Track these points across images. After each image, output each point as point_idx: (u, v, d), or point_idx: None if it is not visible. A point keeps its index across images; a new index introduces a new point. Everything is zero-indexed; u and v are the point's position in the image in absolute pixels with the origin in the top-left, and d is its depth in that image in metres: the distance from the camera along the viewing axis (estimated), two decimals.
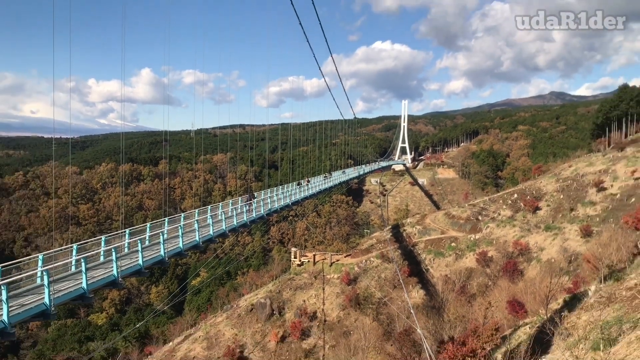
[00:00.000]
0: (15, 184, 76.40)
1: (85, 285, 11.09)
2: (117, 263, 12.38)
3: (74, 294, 10.79)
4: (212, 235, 17.83)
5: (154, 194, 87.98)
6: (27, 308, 9.65)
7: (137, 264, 13.52)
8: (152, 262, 14.46)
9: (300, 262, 47.11)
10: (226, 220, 19.17)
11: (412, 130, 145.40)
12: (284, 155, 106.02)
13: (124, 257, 14.11)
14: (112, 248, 12.40)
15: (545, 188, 47.51)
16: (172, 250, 15.46)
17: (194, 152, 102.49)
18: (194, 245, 16.90)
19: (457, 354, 13.18)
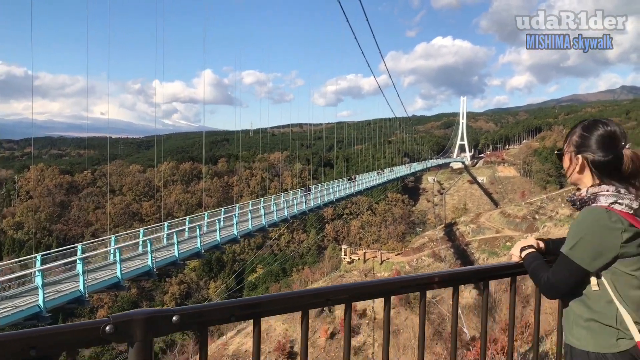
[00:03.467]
0: (83, 181, 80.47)
1: (177, 254, 12.38)
2: (178, 246, 13.43)
3: (141, 270, 12.09)
4: (265, 224, 18.60)
5: (213, 192, 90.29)
6: (103, 280, 10.83)
7: (196, 247, 14.50)
8: (209, 246, 15.44)
9: (351, 259, 47.14)
10: (281, 211, 19.78)
11: (472, 127, 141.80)
12: (339, 154, 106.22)
13: (184, 242, 15.16)
14: (173, 232, 13.38)
15: None
16: (243, 230, 16.45)
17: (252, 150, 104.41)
18: (247, 233, 17.77)
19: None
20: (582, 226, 1.67)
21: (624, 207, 1.65)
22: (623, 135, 1.72)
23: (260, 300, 1.45)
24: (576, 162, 1.76)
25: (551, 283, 1.73)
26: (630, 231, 1.64)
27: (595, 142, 1.72)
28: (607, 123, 1.75)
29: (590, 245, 1.65)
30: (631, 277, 1.67)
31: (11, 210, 71.34)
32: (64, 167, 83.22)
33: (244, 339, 45.09)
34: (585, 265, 1.66)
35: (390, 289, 1.77)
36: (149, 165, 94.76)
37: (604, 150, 1.70)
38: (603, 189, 1.70)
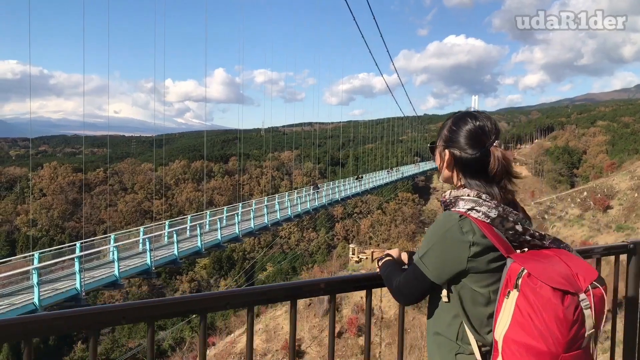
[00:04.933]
0: (96, 179, 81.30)
1: (176, 252, 12.93)
2: (201, 237, 14.02)
3: (168, 259, 12.80)
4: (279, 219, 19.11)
5: (224, 190, 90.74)
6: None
7: (217, 238, 15.09)
8: (229, 239, 16.05)
9: (359, 258, 47.20)
10: (284, 210, 20.21)
11: None
12: (349, 153, 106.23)
13: (206, 233, 15.77)
14: (197, 224, 13.99)
15: (618, 186, 44.88)
16: (245, 229, 17.01)
17: (264, 149, 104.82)
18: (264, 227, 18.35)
19: None
20: (432, 233, 1.56)
21: (480, 215, 1.49)
22: (494, 132, 1.56)
23: (156, 303, 1.50)
24: (444, 158, 1.63)
25: (400, 289, 1.64)
26: (480, 245, 1.49)
27: (463, 137, 1.56)
28: (478, 117, 1.59)
29: (437, 256, 1.53)
30: (478, 294, 1.52)
31: (25, 208, 72.34)
32: (77, 165, 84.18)
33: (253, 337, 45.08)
34: (431, 277, 1.55)
35: (295, 293, 1.84)
36: (160, 164, 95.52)
37: (471, 146, 1.55)
38: (464, 192, 1.55)
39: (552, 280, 1.33)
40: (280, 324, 46.14)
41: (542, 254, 1.46)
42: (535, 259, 1.42)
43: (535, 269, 1.36)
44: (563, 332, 1.29)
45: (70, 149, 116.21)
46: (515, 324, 1.35)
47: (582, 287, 1.34)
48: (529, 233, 1.51)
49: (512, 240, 1.50)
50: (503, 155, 1.51)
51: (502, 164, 1.51)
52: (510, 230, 1.49)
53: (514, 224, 1.50)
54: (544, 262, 1.41)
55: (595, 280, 1.36)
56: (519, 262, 1.40)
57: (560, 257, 1.44)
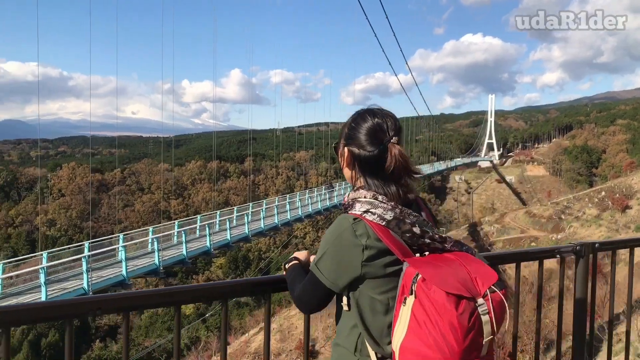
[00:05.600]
0: (113, 180, 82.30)
1: (185, 252, 13.21)
2: (210, 238, 14.21)
3: (177, 259, 13.10)
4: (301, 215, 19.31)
5: (240, 190, 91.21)
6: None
7: (226, 238, 15.31)
8: (238, 239, 16.29)
9: None
10: (295, 210, 20.30)
11: (502, 125, 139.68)
12: None
13: (216, 233, 16.05)
14: (206, 224, 14.23)
15: (638, 185, 44.12)
16: (255, 229, 17.28)
17: (280, 149, 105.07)
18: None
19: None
20: (327, 237, 1.49)
21: (375, 218, 1.42)
22: (393, 129, 1.50)
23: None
24: (344, 156, 1.56)
25: (300, 297, 1.55)
26: (374, 248, 1.42)
27: (362, 134, 1.50)
28: (377, 114, 1.53)
29: (331, 260, 1.46)
30: (377, 301, 1.45)
31: (44, 208, 73.48)
32: (95, 165, 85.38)
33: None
34: (327, 283, 1.48)
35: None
36: (177, 164, 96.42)
37: (370, 144, 1.48)
38: (361, 194, 1.48)
39: (446, 284, 1.26)
40: (294, 324, 46.18)
41: (442, 258, 1.39)
42: (432, 262, 1.36)
43: (429, 273, 1.30)
44: (458, 340, 1.23)
45: (89, 150, 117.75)
46: (411, 332, 1.28)
47: (480, 291, 1.29)
48: (429, 236, 1.43)
49: (410, 243, 1.43)
50: (400, 153, 1.46)
51: (400, 162, 1.45)
52: (407, 233, 1.42)
53: (411, 226, 1.43)
54: (441, 266, 1.34)
55: (495, 284, 1.30)
56: (414, 266, 1.33)
57: (461, 260, 1.37)
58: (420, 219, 1.46)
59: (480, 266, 1.36)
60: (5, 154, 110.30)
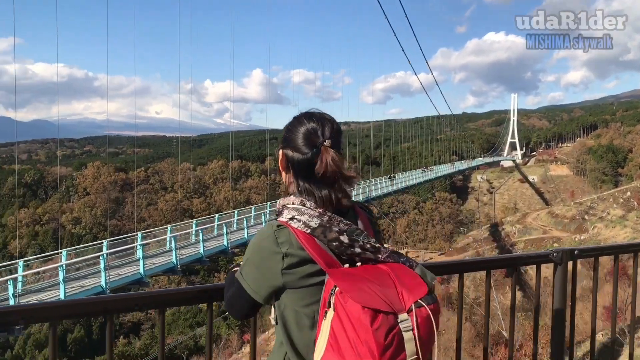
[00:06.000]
0: (137, 179, 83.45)
1: (202, 251, 13.43)
2: (227, 236, 14.46)
3: (194, 257, 13.36)
4: None
5: (261, 189, 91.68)
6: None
7: (243, 237, 15.52)
8: (236, 244, 16.42)
9: None
10: None
11: (525, 124, 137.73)
12: (386, 152, 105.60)
13: (234, 232, 16.29)
14: (223, 223, 14.41)
15: None
16: None
17: None
18: None
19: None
20: (250, 244, 1.44)
21: (300, 225, 1.35)
22: (328, 132, 1.43)
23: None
24: (279, 159, 1.51)
25: (229, 302, 1.51)
26: (296, 256, 1.35)
27: (298, 137, 1.44)
28: (313, 116, 1.47)
29: (253, 268, 1.41)
30: (302, 315, 1.36)
31: (70, 206, 74.89)
32: (119, 164, 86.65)
33: None
34: (250, 292, 1.42)
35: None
36: (199, 163, 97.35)
37: (304, 147, 1.42)
38: (290, 200, 1.43)
39: (362, 297, 1.18)
40: None
41: (370, 269, 1.30)
42: (354, 274, 1.27)
43: (347, 285, 1.22)
44: (374, 358, 1.14)
45: (114, 149, 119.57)
46: (329, 348, 1.21)
47: (404, 306, 1.20)
48: (359, 245, 1.35)
49: (338, 253, 1.35)
50: (333, 157, 1.39)
51: (331, 166, 1.38)
52: (334, 242, 1.34)
53: (338, 234, 1.34)
54: (363, 278, 1.25)
55: (423, 298, 1.21)
56: (332, 277, 1.25)
57: (392, 272, 1.29)
58: (353, 228, 1.38)
59: (412, 279, 1.28)
60: (33, 153, 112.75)
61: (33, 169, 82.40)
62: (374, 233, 1.47)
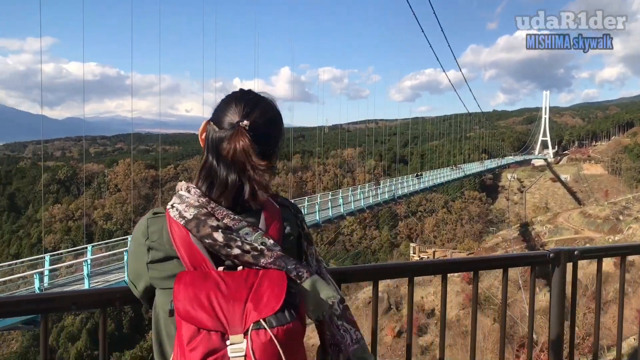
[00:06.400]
0: (167, 176, 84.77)
1: None
2: None
3: None
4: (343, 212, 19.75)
5: (287, 187, 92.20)
6: None
7: None
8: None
9: (420, 258, 46.58)
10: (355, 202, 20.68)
11: (557, 122, 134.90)
12: (414, 150, 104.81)
13: None
14: None
15: None
16: None
17: (327, 147, 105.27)
18: None
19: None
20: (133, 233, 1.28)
21: (175, 214, 1.17)
22: (255, 115, 1.23)
23: None
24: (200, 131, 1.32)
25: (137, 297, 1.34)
26: (162, 251, 1.19)
27: (221, 111, 1.26)
28: (249, 95, 1.29)
29: (131, 258, 1.28)
30: (170, 321, 1.17)
31: (101, 202, 76.49)
32: (149, 162, 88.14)
33: (312, 332, 45.55)
34: (130, 284, 1.30)
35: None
36: None
37: (223, 122, 1.24)
38: (181, 185, 1.27)
39: (188, 310, 1.02)
40: None
41: (234, 276, 1.10)
42: (207, 280, 1.08)
43: (182, 293, 1.05)
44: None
45: (144, 147, 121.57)
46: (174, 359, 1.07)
47: (238, 326, 1.00)
48: (237, 245, 1.14)
49: (216, 251, 1.15)
50: (244, 142, 1.18)
51: (239, 150, 1.18)
52: (207, 239, 1.14)
53: (212, 230, 1.14)
54: (213, 286, 1.06)
55: (273, 317, 1.00)
56: (177, 281, 1.08)
57: (258, 281, 1.08)
58: (241, 225, 1.19)
59: (273, 291, 1.05)
60: (66, 151, 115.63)
61: (66, 166, 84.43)
62: (280, 235, 1.24)
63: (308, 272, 1.17)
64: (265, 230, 1.21)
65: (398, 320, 43.91)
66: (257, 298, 1.03)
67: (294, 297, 1.08)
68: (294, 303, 1.06)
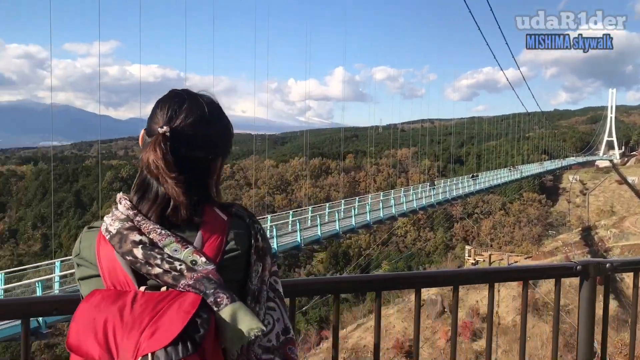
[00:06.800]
0: (224, 175, 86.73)
1: (299, 239, 14.51)
2: (321, 227, 15.22)
3: (292, 244, 14.47)
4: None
5: (340, 187, 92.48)
6: None
7: (335, 228, 16.34)
8: (346, 229, 17.08)
9: (475, 261, 45.60)
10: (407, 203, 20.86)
11: (624, 122, 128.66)
12: (470, 150, 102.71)
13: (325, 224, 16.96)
14: (317, 215, 14.99)
15: None
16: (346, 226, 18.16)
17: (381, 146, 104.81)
18: None
19: None
20: None
21: (103, 228, 1.09)
22: (179, 119, 1.12)
23: None
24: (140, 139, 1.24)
25: None
26: (87, 267, 1.11)
27: (151, 116, 1.18)
28: (176, 96, 1.18)
29: None
30: None
31: None
32: None
33: (364, 334, 45.73)
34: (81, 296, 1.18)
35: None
36: (281, 160, 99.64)
37: (148, 132, 1.16)
38: (118, 196, 1.18)
39: (77, 336, 0.94)
40: (392, 323, 45.97)
41: (144, 297, 0.98)
42: (112, 303, 0.97)
43: (77, 315, 0.97)
44: None
45: None
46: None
47: (128, 356, 0.89)
48: (156, 263, 1.02)
49: (138, 269, 1.04)
50: (156, 153, 1.07)
51: (152, 162, 1.08)
52: (128, 255, 1.04)
53: (132, 246, 1.04)
54: (119, 311, 0.95)
55: (158, 353, 0.88)
56: (83, 301, 1.00)
57: (161, 305, 0.96)
58: (168, 240, 1.07)
59: (172, 321, 0.93)
60: (129, 150, 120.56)
61: (128, 165, 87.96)
62: (219, 251, 1.10)
63: (229, 298, 1.01)
64: (200, 246, 1.09)
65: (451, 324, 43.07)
66: (157, 327, 0.91)
67: (198, 329, 0.94)
68: (194, 335, 0.93)
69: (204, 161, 1.16)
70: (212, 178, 1.22)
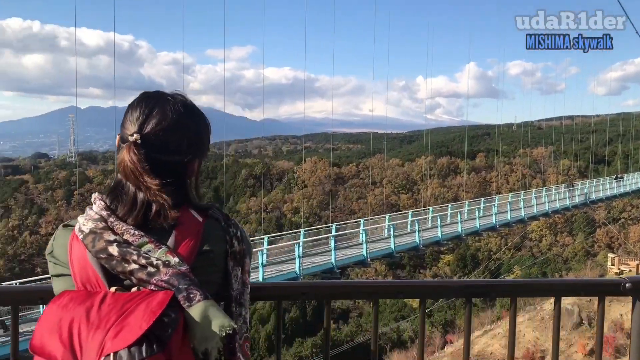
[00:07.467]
0: (349, 173, 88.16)
1: (418, 240, 14.60)
2: (442, 229, 15.26)
3: (410, 245, 14.59)
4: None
5: (470, 187, 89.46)
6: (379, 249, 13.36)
7: (457, 230, 16.14)
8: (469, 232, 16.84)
9: (619, 270, 41.60)
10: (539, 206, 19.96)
11: None
12: (616, 149, 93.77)
13: (447, 225, 16.90)
14: (437, 215, 14.98)
15: None
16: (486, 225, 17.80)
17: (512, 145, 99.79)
18: None
19: None
20: None
21: (77, 228, 1.10)
22: (151, 125, 1.11)
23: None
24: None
25: None
26: (60, 265, 1.11)
27: (123, 122, 1.16)
28: (146, 98, 1.16)
29: None
30: None
31: (290, 197, 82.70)
32: (333, 160, 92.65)
33: (491, 341, 43.73)
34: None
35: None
36: (408, 159, 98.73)
37: (122, 137, 1.15)
38: (93, 196, 1.16)
39: (41, 337, 0.93)
40: (522, 331, 43.41)
41: (113, 297, 0.98)
42: (79, 302, 0.97)
43: (44, 314, 0.96)
44: None
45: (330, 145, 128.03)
46: None
47: (92, 356, 0.89)
48: (133, 259, 1.03)
49: (112, 268, 1.04)
50: (129, 159, 1.08)
51: (127, 167, 1.08)
52: (102, 254, 1.04)
53: (107, 244, 1.04)
54: (77, 311, 0.95)
55: (121, 353, 0.88)
56: (52, 301, 1.00)
57: (132, 304, 0.96)
58: (142, 241, 1.07)
59: (138, 319, 0.92)
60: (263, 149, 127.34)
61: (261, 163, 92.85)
62: (193, 252, 1.11)
63: (202, 295, 1.01)
64: (174, 247, 1.09)
65: (590, 338, 39.67)
66: (122, 326, 0.91)
67: (165, 328, 0.93)
68: (161, 335, 0.92)
69: (180, 164, 1.15)
70: (190, 179, 1.22)
